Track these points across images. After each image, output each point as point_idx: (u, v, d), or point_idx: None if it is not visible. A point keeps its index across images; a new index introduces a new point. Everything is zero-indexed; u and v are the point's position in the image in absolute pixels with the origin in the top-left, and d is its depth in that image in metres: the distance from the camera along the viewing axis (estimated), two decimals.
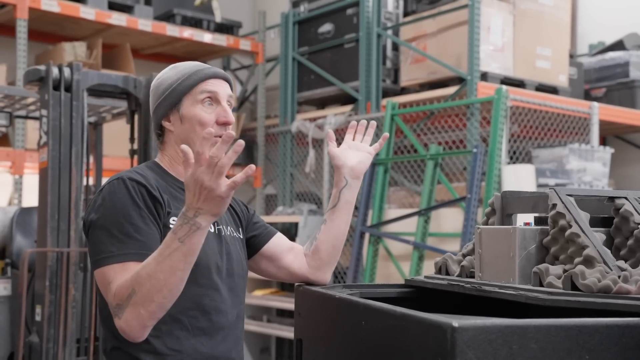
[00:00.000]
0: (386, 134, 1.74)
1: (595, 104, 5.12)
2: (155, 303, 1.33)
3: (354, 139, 1.74)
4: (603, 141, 5.99)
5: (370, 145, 1.74)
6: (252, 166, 1.29)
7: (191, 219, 1.31)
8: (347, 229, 1.67)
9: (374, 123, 1.75)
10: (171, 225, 1.46)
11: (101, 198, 1.46)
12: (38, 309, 3.21)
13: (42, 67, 3.27)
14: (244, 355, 1.62)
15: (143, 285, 1.33)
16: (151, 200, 1.46)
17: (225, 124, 1.54)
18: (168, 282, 1.32)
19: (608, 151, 4.91)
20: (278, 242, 1.70)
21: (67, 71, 3.28)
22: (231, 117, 1.55)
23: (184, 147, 1.30)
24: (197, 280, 1.48)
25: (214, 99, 1.55)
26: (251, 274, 1.73)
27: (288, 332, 5.22)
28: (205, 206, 1.30)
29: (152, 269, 1.33)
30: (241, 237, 1.65)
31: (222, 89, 1.56)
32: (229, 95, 1.58)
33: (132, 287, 1.34)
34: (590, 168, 4.71)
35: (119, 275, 1.38)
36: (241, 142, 1.27)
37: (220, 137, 1.51)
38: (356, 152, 1.70)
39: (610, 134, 6.09)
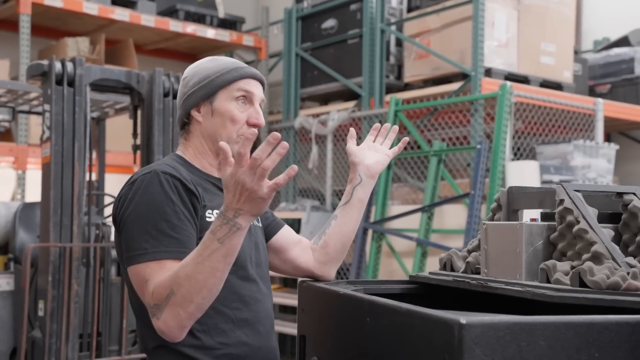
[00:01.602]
0: (406, 139, 1.74)
1: (600, 100, 5.09)
2: (194, 304, 1.31)
3: (374, 141, 1.73)
4: (607, 138, 5.96)
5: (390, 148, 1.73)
6: (295, 167, 1.27)
7: (231, 220, 1.28)
8: (357, 227, 1.67)
9: (396, 127, 1.75)
10: (207, 218, 1.45)
11: (133, 192, 1.43)
12: (41, 304, 3.21)
13: (45, 62, 3.26)
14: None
15: (182, 286, 1.30)
16: (187, 194, 1.43)
17: (255, 126, 1.53)
18: (207, 283, 1.30)
19: (613, 148, 4.89)
20: (286, 234, 1.69)
21: (69, 66, 3.27)
22: (262, 119, 1.54)
23: (223, 144, 1.27)
24: (236, 271, 1.47)
25: (248, 98, 1.54)
26: None
27: (291, 329, 5.21)
28: (245, 207, 1.27)
29: (191, 270, 1.30)
30: (260, 225, 1.65)
31: (257, 90, 1.56)
32: (262, 99, 1.57)
33: (171, 287, 1.31)
34: (594, 164, 4.69)
35: (156, 274, 1.35)
36: (285, 145, 1.25)
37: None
38: (374, 152, 1.70)
39: (615, 130, 6.06)
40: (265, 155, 1.25)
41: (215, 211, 1.48)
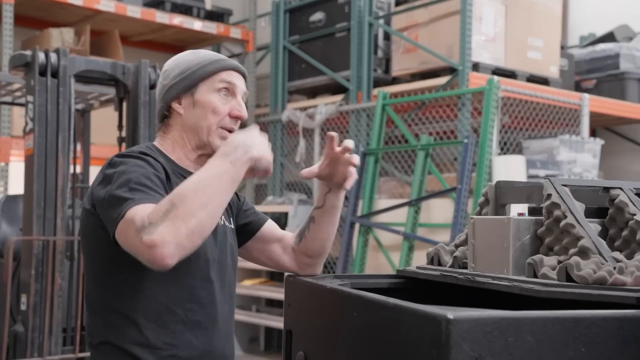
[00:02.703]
0: (331, 133, 1.51)
1: (586, 95, 5.12)
2: (197, 219, 1.22)
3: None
4: (593, 133, 6.00)
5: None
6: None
7: (244, 146, 1.35)
8: (336, 228, 1.62)
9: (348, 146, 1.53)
10: None
11: (109, 169, 1.38)
12: (23, 298, 3.17)
13: (28, 52, 3.21)
14: (234, 350, 1.59)
15: (187, 198, 1.23)
16: (164, 174, 1.41)
17: (238, 118, 1.51)
18: (213, 200, 1.25)
19: (598, 143, 4.91)
20: (270, 230, 1.66)
21: (53, 56, 3.23)
22: (245, 112, 1.53)
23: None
24: (194, 271, 1.43)
25: (230, 90, 1.51)
26: (240, 264, 1.70)
27: (277, 322, 5.20)
28: (254, 142, 1.36)
29: (197, 183, 1.26)
30: (232, 226, 1.61)
31: (239, 82, 1.54)
32: (244, 92, 1.55)
33: (172, 201, 1.23)
34: (580, 159, 4.71)
35: (144, 210, 1.26)
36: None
37: (231, 131, 1.50)
38: (339, 171, 1.52)
39: (600, 125, 6.10)
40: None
41: None
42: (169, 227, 1.21)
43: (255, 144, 1.36)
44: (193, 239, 1.23)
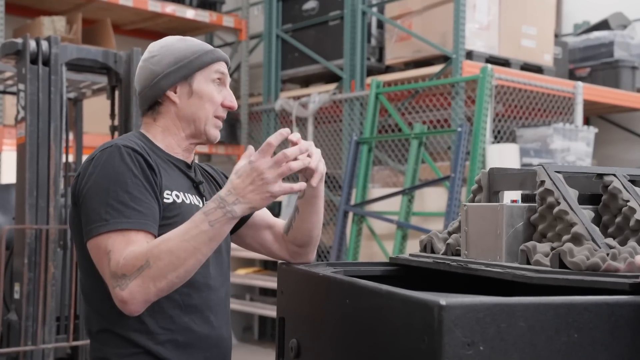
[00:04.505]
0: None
1: (580, 83, 5.12)
2: (167, 281, 1.28)
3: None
4: (587, 121, 6.01)
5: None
6: (303, 184, 1.36)
7: (228, 205, 1.28)
8: (321, 217, 1.59)
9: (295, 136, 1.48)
10: (165, 199, 1.42)
11: (93, 167, 1.39)
12: (17, 287, 3.17)
13: (19, 40, 3.19)
14: (231, 333, 1.59)
15: (161, 259, 1.27)
16: (149, 169, 1.40)
17: (230, 108, 1.55)
18: (186, 263, 1.28)
19: (592, 131, 4.92)
20: (261, 216, 1.66)
21: (44, 45, 3.20)
22: (235, 102, 1.56)
23: (272, 140, 1.30)
24: None
25: (222, 80, 1.55)
26: (232, 253, 1.70)
27: (271, 311, 5.21)
28: (249, 196, 1.28)
29: (174, 245, 1.28)
30: None
31: (227, 73, 1.58)
32: (230, 81, 1.60)
33: (147, 259, 1.28)
34: (574, 148, 4.72)
35: (120, 245, 1.31)
36: (321, 172, 1.37)
37: (219, 117, 1.52)
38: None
39: (594, 114, 6.10)
40: (294, 156, 1.31)
41: (175, 192, 1.45)
42: (139, 286, 1.28)
43: (244, 191, 1.29)
44: (160, 295, 1.32)
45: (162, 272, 1.28)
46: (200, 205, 1.51)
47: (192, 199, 1.50)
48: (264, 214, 1.66)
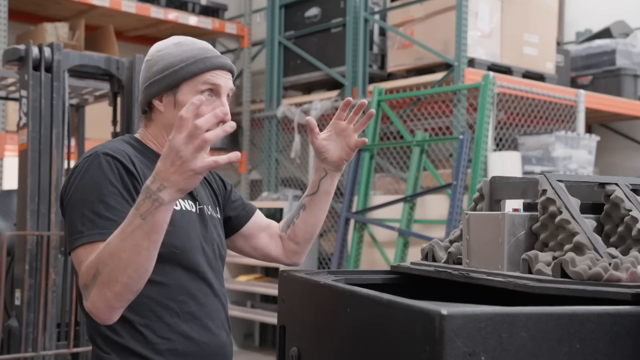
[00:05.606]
0: (372, 111, 1.60)
1: (582, 91, 5.11)
2: (120, 284, 1.24)
3: (345, 119, 1.63)
4: (588, 129, 6.00)
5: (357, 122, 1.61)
6: (237, 153, 1.19)
7: (154, 193, 1.19)
8: (325, 216, 1.65)
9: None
10: None
11: (74, 176, 1.39)
12: (17, 293, 3.16)
13: (22, 47, 3.19)
14: (232, 339, 1.59)
15: (107, 265, 1.24)
16: (127, 176, 1.38)
17: (220, 121, 1.48)
18: (132, 262, 1.23)
19: (594, 139, 4.91)
20: (256, 221, 1.67)
21: (47, 51, 3.20)
22: (228, 114, 1.43)
23: (184, 113, 1.17)
24: (183, 263, 1.43)
25: (215, 91, 1.45)
26: (233, 260, 1.70)
27: (272, 318, 5.20)
28: (173, 178, 1.18)
29: (114, 247, 1.24)
30: (219, 217, 1.60)
31: (225, 82, 1.46)
32: (231, 89, 1.49)
33: (97, 267, 1.26)
34: (575, 156, 4.71)
35: (89, 256, 1.30)
36: (233, 124, 1.17)
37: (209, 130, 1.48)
38: (338, 147, 1.60)
39: (596, 122, 6.10)
40: (208, 126, 1.16)
41: None
42: (97, 294, 1.27)
43: (167, 173, 1.19)
44: (122, 299, 1.28)
45: (112, 276, 1.24)
46: (194, 210, 1.50)
47: (184, 203, 1.47)
48: (256, 220, 1.67)
